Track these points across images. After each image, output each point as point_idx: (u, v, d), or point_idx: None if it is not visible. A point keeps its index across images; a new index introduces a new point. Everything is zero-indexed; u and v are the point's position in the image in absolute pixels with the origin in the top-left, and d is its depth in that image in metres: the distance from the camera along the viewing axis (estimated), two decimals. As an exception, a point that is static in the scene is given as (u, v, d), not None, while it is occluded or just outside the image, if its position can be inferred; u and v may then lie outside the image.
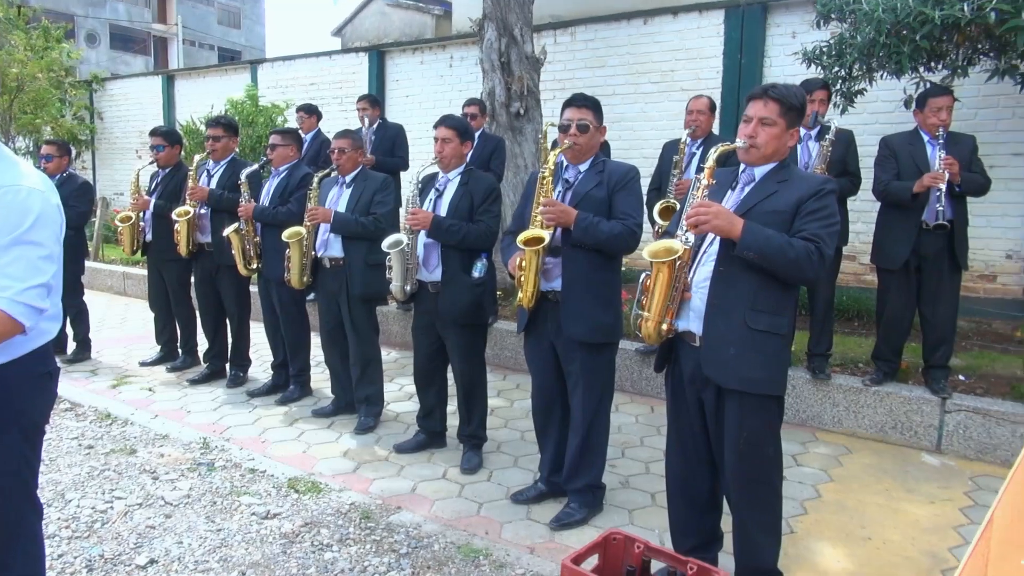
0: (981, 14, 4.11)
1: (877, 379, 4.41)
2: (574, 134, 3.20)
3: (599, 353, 3.32)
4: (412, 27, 16.77)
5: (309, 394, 5.11)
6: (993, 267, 6.42)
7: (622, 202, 3.18)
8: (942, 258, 4.15)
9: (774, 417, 2.63)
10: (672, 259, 2.51)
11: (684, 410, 2.78)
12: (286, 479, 3.74)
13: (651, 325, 2.60)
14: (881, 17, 4.55)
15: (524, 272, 3.19)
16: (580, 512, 3.38)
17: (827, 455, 4.18)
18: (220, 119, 5.20)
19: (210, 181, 5.17)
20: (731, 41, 7.63)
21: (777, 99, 2.53)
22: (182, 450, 4.13)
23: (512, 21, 7.09)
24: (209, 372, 5.47)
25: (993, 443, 4.06)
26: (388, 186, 4.41)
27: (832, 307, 4.63)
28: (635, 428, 4.62)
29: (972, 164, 4.15)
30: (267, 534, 3.21)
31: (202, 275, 5.34)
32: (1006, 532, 1.78)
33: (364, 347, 4.46)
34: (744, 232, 2.43)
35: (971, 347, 5.45)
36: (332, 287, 4.45)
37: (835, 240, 2.53)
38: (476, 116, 6.03)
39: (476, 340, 3.95)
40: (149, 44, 37.19)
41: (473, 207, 3.80)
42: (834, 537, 3.29)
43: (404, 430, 4.51)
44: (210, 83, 12.72)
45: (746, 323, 2.51)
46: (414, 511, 3.47)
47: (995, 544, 1.78)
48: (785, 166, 2.61)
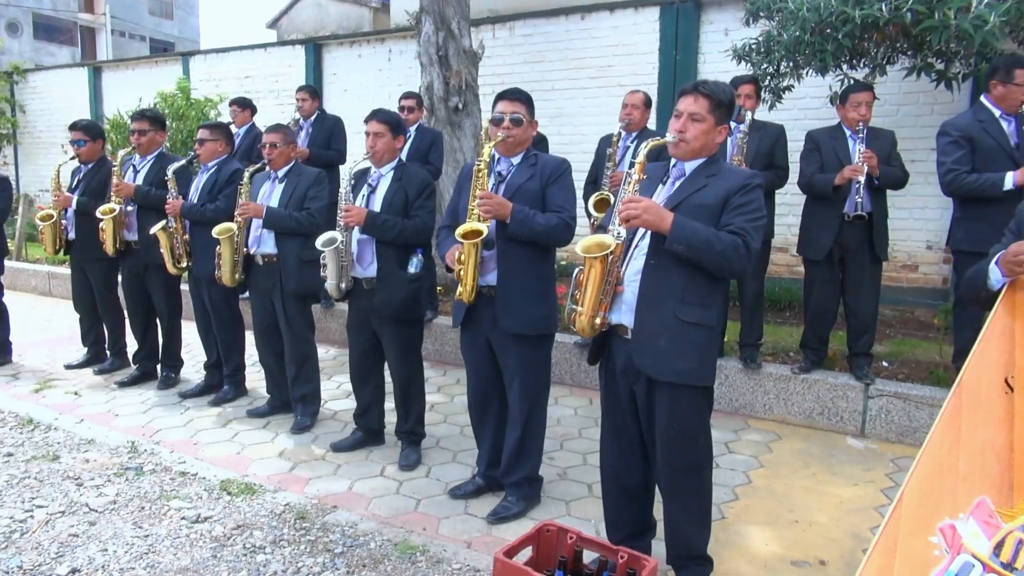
0: (898, 14, 4.28)
1: (805, 367, 4.56)
2: (507, 127, 3.20)
3: (535, 346, 3.34)
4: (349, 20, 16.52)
5: (244, 394, 5.00)
6: (915, 257, 6.69)
7: (556, 195, 3.20)
8: (863, 249, 4.31)
9: (704, 407, 2.69)
10: (604, 254, 2.54)
11: (617, 402, 2.82)
12: (218, 481, 3.66)
13: (584, 319, 2.63)
14: (806, 16, 4.69)
15: (463, 266, 3.17)
16: (517, 505, 3.40)
17: (758, 442, 4.30)
18: (145, 112, 5.03)
19: (136, 177, 5.00)
20: (666, 38, 7.75)
21: (707, 95, 2.58)
22: (109, 455, 3.99)
23: (450, 15, 7.05)
24: (139, 374, 5.30)
25: (913, 426, 4.24)
26: (322, 181, 4.34)
27: (761, 298, 4.76)
28: (574, 420, 4.67)
29: (891, 158, 4.31)
30: (197, 538, 3.13)
31: (130, 274, 5.16)
32: (915, 510, 1.86)
33: (299, 345, 4.39)
34: (673, 226, 2.47)
35: (895, 334, 5.67)
36: (265, 284, 4.36)
37: (761, 233, 2.59)
38: (413, 109, 5.97)
39: (412, 336, 3.92)
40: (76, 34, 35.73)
41: (408, 202, 3.77)
42: (763, 521, 3.39)
43: (342, 428, 4.46)
44: (140, 75, 12.30)
45: (676, 315, 2.56)
46: (350, 510, 3.43)
47: (904, 522, 1.86)
48: (714, 161, 2.67)
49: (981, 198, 3.89)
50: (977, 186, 3.86)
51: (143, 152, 5.01)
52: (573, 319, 2.66)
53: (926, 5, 4.20)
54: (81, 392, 5.11)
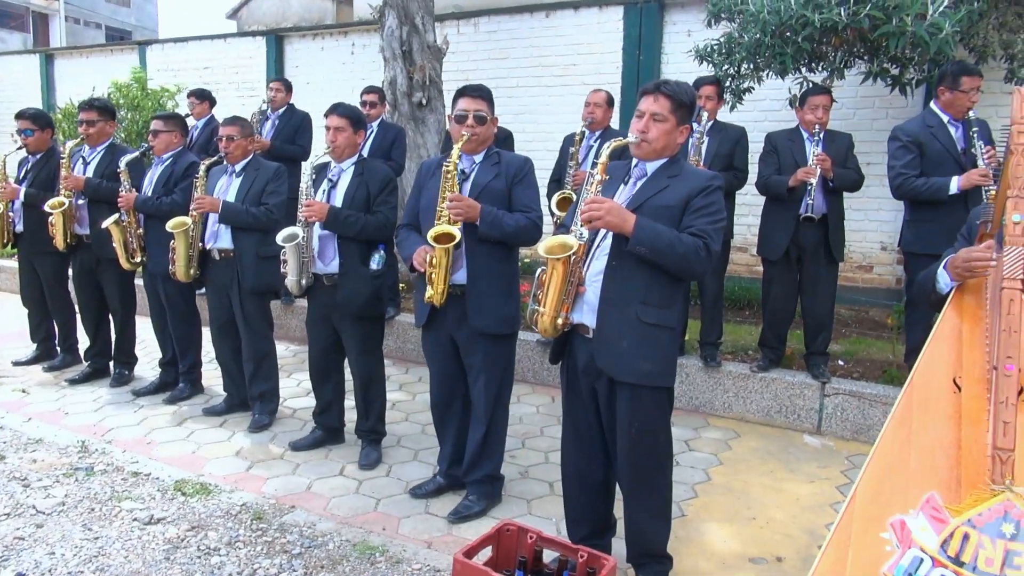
0: (856, 19, 4.36)
1: (763, 365, 4.63)
2: (471, 125, 3.18)
3: (501, 344, 3.34)
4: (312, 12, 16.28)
5: (200, 392, 4.90)
6: (870, 258, 6.84)
7: (522, 195, 3.20)
8: (819, 250, 4.39)
9: (664, 407, 2.71)
10: (567, 255, 2.54)
11: (578, 401, 2.82)
12: (172, 481, 3.58)
13: (547, 319, 2.62)
14: (766, 19, 4.75)
15: (435, 269, 3.12)
16: (479, 504, 3.39)
17: (717, 439, 4.35)
18: (94, 101, 4.88)
19: (86, 169, 4.85)
20: (630, 37, 7.79)
21: (668, 95, 2.59)
22: (58, 455, 3.87)
23: (413, 9, 7.00)
24: (91, 371, 5.15)
25: (867, 424, 4.33)
26: (281, 175, 4.26)
27: (721, 297, 4.81)
28: (536, 418, 4.67)
29: (848, 160, 4.40)
30: (149, 540, 3.05)
31: (81, 268, 5.01)
32: (867, 507, 1.89)
33: (257, 342, 4.31)
34: (636, 228, 2.47)
35: (850, 334, 5.79)
36: (222, 280, 4.27)
37: (721, 235, 2.62)
38: (375, 104, 5.90)
39: (374, 333, 3.88)
40: (27, 20, 34.59)
41: (370, 198, 3.73)
42: (722, 518, 3.43)
43: (301, 427, 4.39)
44: (94, 64, 11.96)
45: (638, 317, 2.57)
46: (309, 510, 3.38)
47: (857, 518, 1.89)
48: (676, 161, 2.68)
49: (929, 201, 4.00)
50: (924, 190, 3.96)
51: (92, 143, 4.87)
52: (536, 319, 2.65)
53: (883, 11, 4.28)
54: (29, 390, 4.95)
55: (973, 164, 3.95)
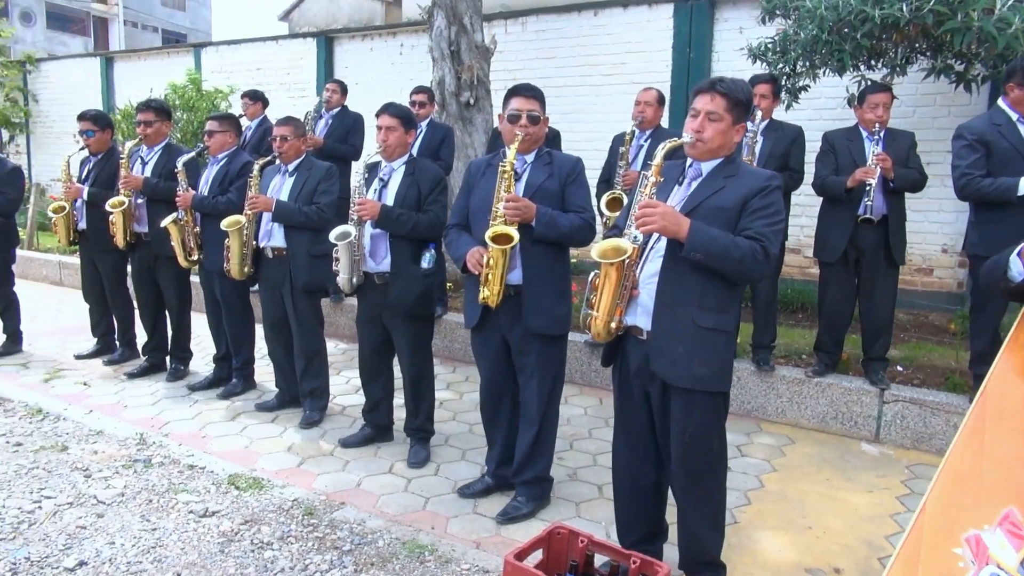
0: (919, 14, 4.22)
1: (819, 370, 4.51)
2: (524, 125, 3.16)
3: (554, 345, 3.32)
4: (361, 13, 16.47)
5: (253, 387, 4.99)
6: (930, 261, 6.63)
7: (575, 195, 3.19)
8: (879, 252, 4.25)
9: (720, 412, 2.65)
10: (620, 260, 2.50)
11: (631, 403, 2.78)
12: (226, 475, 3.64)
13: (600, 324, 2.59)
14: (824, 15, 4.63)
15: (491, 270, 3.10)
16: (527, 505, 3.37)
17: (771, 445, 4.25)
18: (151, 103, 5.01)
19: (144, 168, 4.98)
20: (680, 35, 7.69)
21: (724, 93, 2.53)
22: (117, 446, 3.98)
23: (462, 9, 7.02)
24: (148, 365, 5.29)
25: (929, 432, 4.18)
26: (332, 175, 4.31)
27: (775, 300, 4.71)
28: (584, 420, 4.63)
29: (909, 160, 4.25)
30: (205, 533, 3.11)
31: (140, 266, 5.15)
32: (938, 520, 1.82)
33: (308, 339, 4.37)
34: (690, 233, 2.42)
35: (909, 339, 5.61)
36: (275, 278, 4.34)
37: (780, 237, 2.55)
38: (425, 104, 5.93)
39: (424, 332, 3.89)
40: (88, 25, 35.81)
41: (421, 197, 3.74)
42: (776, 526, 3.35)
43: (350, 424, 4.44)
44: (151, 66, 12.30)
45: (694, 321, 2.52)
46: (358, 507, 3.41)
47: (927, 532, 1.82)
48: (732, 161, 2.62)
49: (996, 202, 3.84)
50: (991, 190, 3.80)
51: (150, 143, 4.99)
52: (589, 323, 2.62)
53: (948, 6, 4.14)
54: (90, 383, 5.11)
55: None
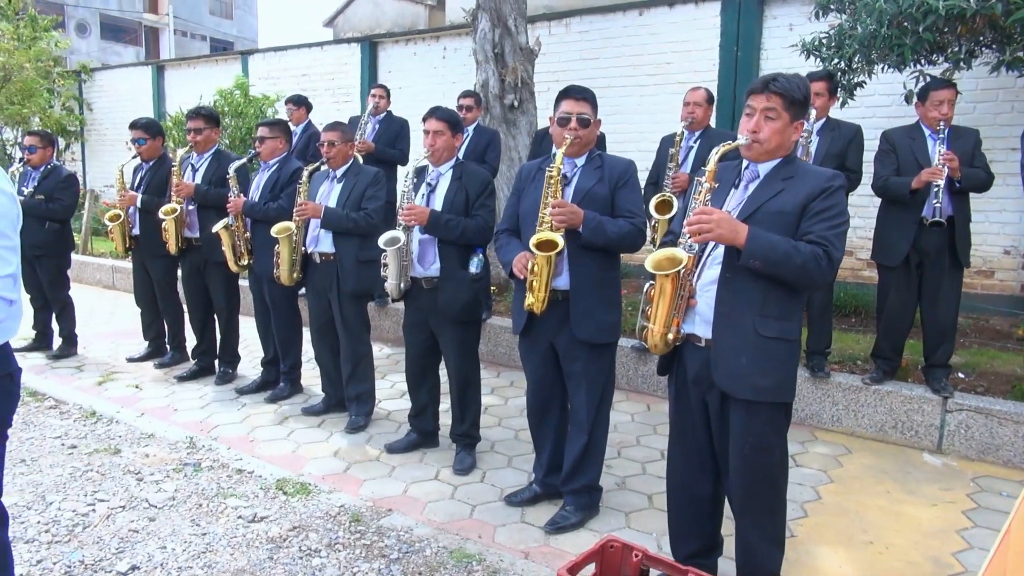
0: (987, 5, 4.03)
1: (877, 377, 4.34)
2: (574, 128, 3.10)
3: (602, 352, 3.25)
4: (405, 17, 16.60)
5: (300, 391, 5.01)
6: (991, 263, 6.37)
7: (625, 199, 3.11)
8: (943, 255, 4.08)
9: (781, 424, 2.55)
10: (676, 271, 2.42)
11: (687, 412, 2.69)
12: (274, 480, 3.65)
13: (657, 336, 2.52)
14: (883, 8, 4.47)
15: (536, 276, 3.05)
16: (576, 515, 3.30)
17: (826, 455, 4.11)
18: (200, 110, 5.07)
19: (195, 175, 5.05)
20: (727, 34, 7.54)
21: (780, 92, 2.43)
22: (168, 450, 4.03)
23: (506, 12, 6.98)
24: (197, 369, 5.36)
25: (995, 443, 3.99)
26: (380, 180, 4.31)
27: (830, 305, 4.55)
28: (631, 427, 4.54)
29: (975, 159, 4.07)
30: (253, 538, 3.11)
31: (190, 270, 5.23)
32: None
33: (355, 344, 4.36)
34: (748, 241, 2.32)
35: (970, 344, 5.39)
36: (322, 283, 4.35)
37: (844, 240, 2.43)
38: (472, 108, 5.90)
39: (472, 336, 3.85)
40: (140, 34, 36.85)
41: (469, 201, 3.71)
42: (835, 541, 3.22)
43: (396, 429, 4.42)
44: (200, 74, 12.56)
45: (756, 330, 2.42)
46: (405, 514, 3.38)
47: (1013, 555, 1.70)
48: (790, 161, 2.51)
49: None
50: None
51: (200, 150, 5.06)
52: (645, 336, 2.55)
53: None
54: (142, 385, 5.20)
55: None
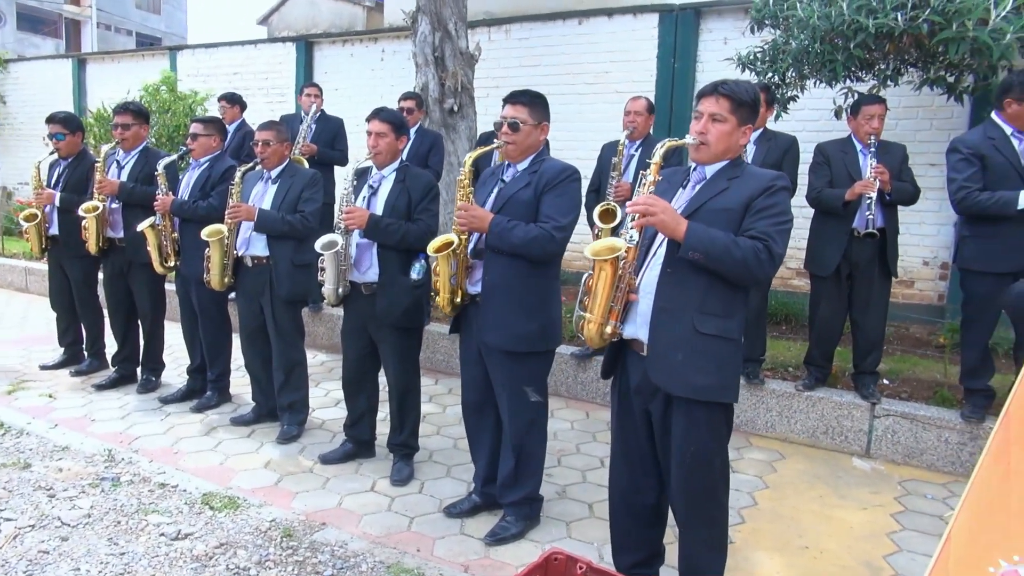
0: (914, 24, 4.18)
1: (809, 384, 4.44)
2: (505, 132, 3.07)
3: (524, 363, 3.14)
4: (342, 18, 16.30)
5: (228, 400, 4.80)
6: (912, 273, 6.62)
7: (547, 204, 3.02)
8: (873, 265, 4.21)
9: (722, 428, 2.54)
10: (614, 256, 2.40)
11: (630, 421, 2.67)
12: (200, 494, 3.46)
13: (593, 327, 2.48)
14: (816, 24, 4.58)
15: (439, 277, 3.13)
16: (516, 526, 3.24)
17: (762, 461, 4.17)
18: (129, 105, 4.83)
19: (120, 172, 4.79)
20: (664, 45, 7.66)
21: (728, 95, 2.44)
22: (84, 463, 3.78)
23: (446, 15, 6.91)
24: (118, 376, 5.08)
25: (920, 447, 4.13)
26: (317, 182, 4.17)
27: (765, 311, 4.64)
28: (571, 435, 4.52)
29: (902, 173, 4.22)
30: (177, 557, 2.94)
31: (112, 272, 4.95)
32: (965, 550, 1.73)
33: (288, 351, 4.20)
34: (688, 232, 2.32)
35: (893, 351, 5.58)
36: (254, 287, 4.17)
37: (786, 238, 2.44)
38: (413, 111, 5.80)
39: (412, 344, 3.76)
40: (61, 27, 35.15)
41: (411, 205, 3.61)
42: (772, 547, 3.25)
43: (330, 439, 4.28)
44: (125, 69, 12.03)
45: (695, 327, 2.41)
46: (340, 528, 3.25)
47: (954, 563, 1.72)
48: (737, 164, 2.53)
49: (993, 217, 3.80)
50: (991, 204, 3.76)
51: (127, 147, 4.80)
52: (582, 327, 2.52)
53: (943, 16, 4.11)
54: (56, 395, 4.89)
55: None
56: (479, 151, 3.41)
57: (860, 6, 4.37)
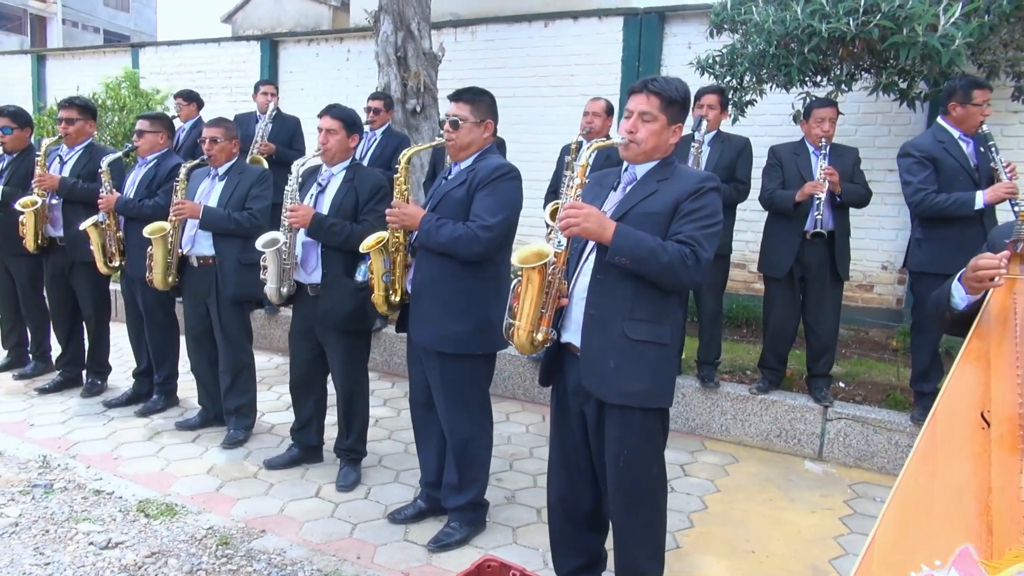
0: (865, 29, 4.21)
1: (763, 387, 4.44)
2: (447, 130, 3.03)
3: (458, 364, 3.07)
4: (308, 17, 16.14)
5: (175, 404, 4.68)
6: (871, 278, 6.67)
7: (478, 203, 2.95)
8: (824, 268, 4.22)
9: (657, 432, 2.51)
10: (541, 264, 2.36)
11: (567, 424, 2.63)
12: (136, 501, 3.37)
13: (523, 334, 2.44)
14: (771, 29, 4.60)
15: (373, 275, 3.18)
16: (460, 531, 3.18)
17: (714, 464, 4.15)
18: (75, 99, 4.69)
19: (63, 168, 4.65)
20: (629, 48, 7.66)
21: (657, 92, 2.41)
22: (16, 470, 3.66)
23: (409, 15, 6.86)
24: (62, 380, 4.93)
25: (871, 451, 4.14)
26: (266, 179, 4.08)
27: (720, 315, 4.62)
28: (526, 439, 4.46)
29: (854, 176, 4.24)
30: (104, 567, 2.84)
31: (54, 272, 4.80)
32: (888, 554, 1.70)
33: (235, 353, 4.11)
34: (615, 237, 2.28)
35: (850, 355, 5.61)
36: (199, 288, 4.07)
37: (715, 242, 2.40)
38: (380, 111, 5.70)
39: (358, 347, 3.68)
40: (25, 23, 34.49)
41: (358, 205, 3.54)
42: (719, 551, 3.23)
43: (279, 443, 4.19)
44: (86, 65, 11.79)
45: (624, 333, 2.38)
46: (280, 535, 3.17)
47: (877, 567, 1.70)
48: (668, 164, 2.49)
49: (946, 219, 3.83)
50: (948, 205, 3.78)
51: (71, 142, 4.67)
52: (511, 334, 2.47)
53: (894, 21, 4.14)
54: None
55: (988, 180, 3.80)
56: (414, 149, 3.36)
57: (814, 11, 4.40)
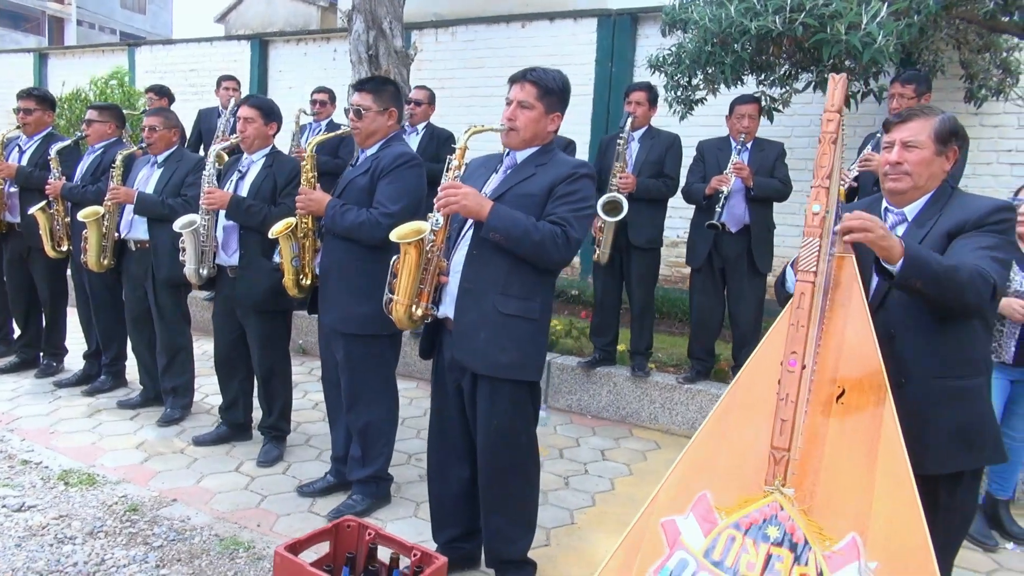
0: (791, 27, 4.28)
1: (690, 377, 4.51)
2: (351, 119, 3.16)
3: (363, 344, 3.19)
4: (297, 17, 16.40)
5: (123, 385, 4.83)
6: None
7: (380, 190, 3.08)
8: (742, 260, 4.29)
9: (526, 404, 2.62)
10: (417, 239, 2.47)
11: (444, 397, 2.75)
12: (59, 471, 3.51)
13: (400, 308, 2.56)
14: (708, 27, 4.68)
15: (282, 259, 3.29)
16: (362, 504, 3.30)
17: (635, 450, 4.24)
18: (32, 90, 4.88)
19: (21, 157, 4.83)
20: (603, 49, 7.77)
21: (534, 81, 2.54)
22: (-47, 441, 3.82)
23: (381, 14, 6.99)
24: (18, 361, 5.11)
25: (789, 440, 4.20)
26: (202, 167, 4.21)
27: (651, 307, 4.69)
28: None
29: (776, 170, 4.31)
30: (11, 527, 2.98)
31: (11, 257, 4.98)
32: (665, 506, 1.80)
33: (171, 335, 4.25)
34: (490, 214, 2.41)
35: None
36: (137, 271, 4.23)
37: (586, 224, 2.54)
38: (326, 103, 5.86)
39: (277, 326, 3.81)
40: (43, 24, 35.17)
41: (276, 189, 3.68)
42: (612, 529, 3.30)
43: (214, 423, 4.32)
44: (85, 63, 12.06)
45: (496, 307, 2.49)
46: (188, 504, 3.30)
47: (654, 518, 1.79)
48: (546, 150, 2.61)
49: None
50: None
51: (29, 132, 4.85)
52: (390, 308, 2.58)
53: (818, 20, 4.21)
54: (-48, 378, 4.92)
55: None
56: (319, 138, 3.51)
57: (746, 9, 4.47)
